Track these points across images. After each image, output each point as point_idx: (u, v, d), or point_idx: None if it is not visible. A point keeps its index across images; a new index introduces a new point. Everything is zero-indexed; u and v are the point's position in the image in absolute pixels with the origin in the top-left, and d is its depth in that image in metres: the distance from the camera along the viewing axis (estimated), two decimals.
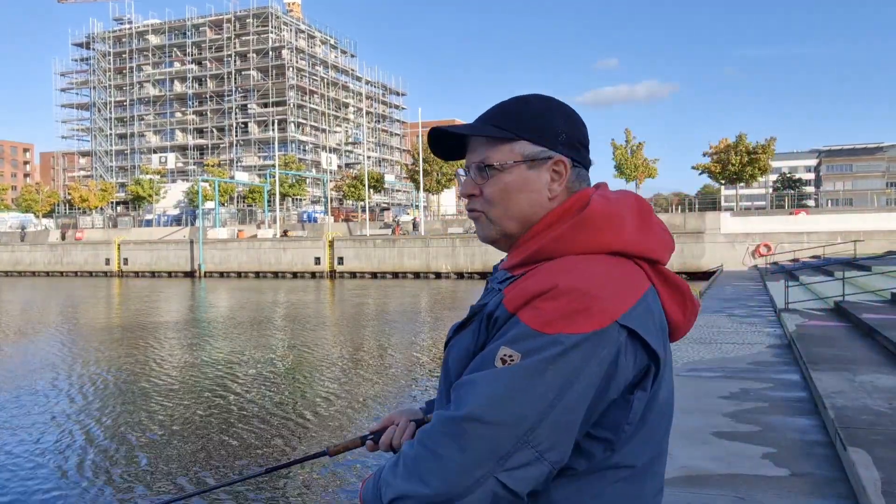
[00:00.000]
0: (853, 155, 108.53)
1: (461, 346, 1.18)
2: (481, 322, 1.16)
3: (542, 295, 1.07)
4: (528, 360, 1.03)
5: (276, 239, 48.95)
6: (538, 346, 1.04)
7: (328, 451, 1.52)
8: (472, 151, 1.27)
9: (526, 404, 1.03)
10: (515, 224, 1.23)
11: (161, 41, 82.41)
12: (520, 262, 1.19)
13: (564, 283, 1.07)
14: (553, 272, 1.10)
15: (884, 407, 5.25)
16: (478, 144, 1.25)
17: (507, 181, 1.21)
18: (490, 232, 1.26)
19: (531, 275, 1.12)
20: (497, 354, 1.06)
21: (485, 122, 1.26)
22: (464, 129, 1.25)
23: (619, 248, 1.14)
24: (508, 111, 1.25)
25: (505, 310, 1.10)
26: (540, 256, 1.16)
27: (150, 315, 24.11)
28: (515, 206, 1.22)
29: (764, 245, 35.30)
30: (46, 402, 10.81)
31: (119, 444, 8.58)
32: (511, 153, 1.22)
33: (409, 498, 1.05)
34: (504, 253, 1.31)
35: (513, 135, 1.22)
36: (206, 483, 7.43)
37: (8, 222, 66.06)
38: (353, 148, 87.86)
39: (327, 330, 19.77)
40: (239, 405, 10.44)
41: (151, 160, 77.88)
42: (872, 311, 10.62)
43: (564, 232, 1.15)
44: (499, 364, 1.05)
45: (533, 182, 1.21)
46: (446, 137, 1.30)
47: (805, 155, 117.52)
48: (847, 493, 3.82)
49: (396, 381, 12.28)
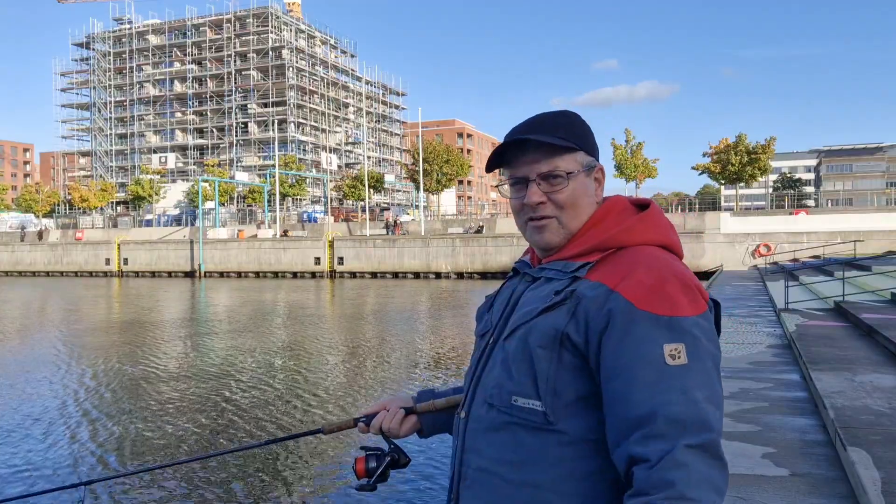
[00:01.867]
0: (853, 155, 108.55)
1: (546, 325, 1.25)
2: (576, 307, 1.23)
3: (661, 286, 1.18)
4: (692, 350, 1.15)
5: (276, 239, 48.95)
6: (685, 329, 1.16)
7: (323, 429, 1.67)
8: (533, 162, 1.34)
9: (717, 389, 1.16)
10: (578, 226, 1.35)
11: (161, 41, 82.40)
12: (587, 250, 1.31)
13: (668, 271, 1.21)
14: (650, 264, 1.23)
15: (884, 407, 5.25)
16: (539, 155, 1.33)
17: (575, 188, 1.34)
18: (558, 237, 1.35)
19: (621, 266, 1.24)
20: (664, 352, 1.14)
21: (548, 135, 1.33)
22: (547, 138, 1.32)
23: (668, 243, 1.32)
24: (563, 125, 1.35)
25: (624, 302, 1.18)
26: (612, 244, 1.29)
27: (152, 313, 24.10)
28: (581, 210, 1.35)
29: (764, 245, 35.30)
30: (52, 390, 10.83)
31: (123, 422, 8.69)
32: (575, 162, 1.34)
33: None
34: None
35: (575, 146, 1.34)
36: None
37: (8, 222, 66.08)
38: (353, 148, 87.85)
39: (328, 328, 19.76)
40: (239, 393, 10.47)
41: (151, 160, 77.90)
42: (872, 311, 10.61)
43: (632, 224, 1.31)
44: (669, 361, 1.14)
45: (588, 187, 1.36)
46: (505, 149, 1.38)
47: (805, 155, 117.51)
48: (847, 492, 3.82)
49: (397, 373, 12.30)
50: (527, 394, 1.24)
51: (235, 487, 6.98)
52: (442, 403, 1.55)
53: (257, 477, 7.30)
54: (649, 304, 1.17)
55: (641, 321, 1.16)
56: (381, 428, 1.54)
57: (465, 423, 1.35)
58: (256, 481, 7.17)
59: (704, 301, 1.21)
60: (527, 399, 1.24)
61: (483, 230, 46.28)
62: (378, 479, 1.51)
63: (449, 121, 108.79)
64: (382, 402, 1.58)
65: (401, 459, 1.53)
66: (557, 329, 1.23)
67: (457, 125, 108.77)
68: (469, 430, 1.34)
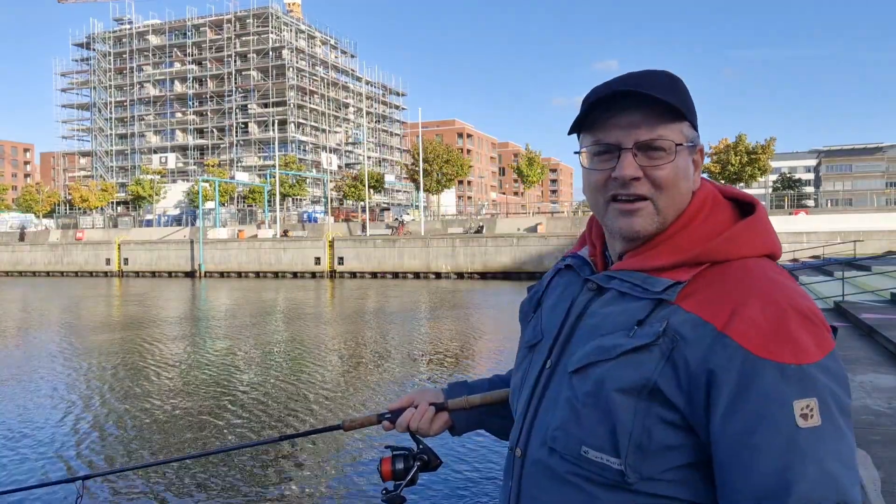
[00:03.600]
0: (853, 155, 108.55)
1: (634, 375, 1.00)
2: (671, 351, 0.98)
3: (783, 325, 0.94)
4: (824, 406, 0.92)
5: (277, 239, 48.96)
6: (815, 378, 0.93)
7: (343, 425, 1.50)
8: (630, 126, 1.06)
9: (853, 449, 0.95)
10: (673, 215, 1.08)
11: (161, 41, 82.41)
12: (677, 263, 1.05)
13: (786, 302, 0.96)
14: (764, 292, 0.97)
15: (884, 407, 5.25)
16: (641, 119, 1.05)
17: (680, 165, 1.07)
18: (651, 226, 1.08)
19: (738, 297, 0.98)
20: (795, 412, 0.91)
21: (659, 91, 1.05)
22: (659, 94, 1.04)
23: (774, 252, 1.08)
24: (669, 85, 1.07)
25: (740, 351, 0.94)
26: (708, 258, 1.03)
27: (152, 313, 24.10)
28: (680, 194, 1.08)
29: None
30: (54, 387, 10.84)
31: (125, 420, 8.70)
32: (681, 134, 1.07)
33: None
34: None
35: (684, 113, 1.07)
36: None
37: (8, 222, 66.10)
38: (353, 148, 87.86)
39: (329, 326, 19.76)
40: (242, 391, 10.46)
41: (152, 160, 77.92)
42: (872, 311, 10.61)
43: (739, 234, 1.05)
44: (801, 423, 0.91)
45: (689, 169, 1.09)
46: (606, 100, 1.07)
47: (805, 155, 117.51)
48: None
49: (398, 370, 12.29)
50: (600, 447, 1.01)
51: (243, 486, 6.89)
52: (477, 400, 1.40)
53: (267, 475, 7.20)
54: (770, 352, 0.93)
55: (763, 374, 0.93)
56: (410, 426, 1.37)
57: (522, 463, 1.12)
58: (265, 480, 7.07)
59: (830, 336, 0.98)
60: (600, 452, 1.01)
61: (483, 230, 46.29)
62: (407, 483, 1.36)
63: (449, 121, 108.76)
64: (409, 397, 1.41)
65: (432, 461, 1.38)
66: (648, 379, 0.99)
67: (457, 125, 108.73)
68: (526, 475, 1.11)
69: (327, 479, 7.09)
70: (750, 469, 0.92)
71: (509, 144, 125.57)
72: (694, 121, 1.09)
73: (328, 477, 7.14)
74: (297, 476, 7.17)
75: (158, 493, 6.76)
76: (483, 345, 16.73)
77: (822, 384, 0.93)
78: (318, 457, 7.71)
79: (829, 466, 0.91)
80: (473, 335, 18.43)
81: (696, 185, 1.11)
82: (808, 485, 0.90)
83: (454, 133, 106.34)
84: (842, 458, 0.92)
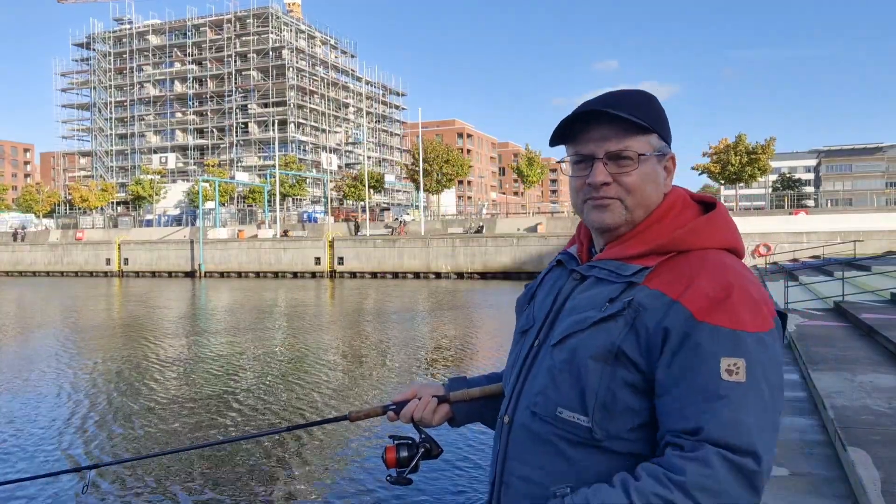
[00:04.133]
0: (853, 155, 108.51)
1: (601, 340, 1.18)
2: (634, 319, 1.16)
3: (724, 294, 1.11)
4: (752, 368, 1.08)
5: (277, 239, 48.96)
6: (747, 346, 1.09)
7: (350, 416, 1.58)
8: (602, 139, 1.24)
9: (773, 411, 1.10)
10: (643, 213, 1.26)
11: (161, 41, 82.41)
12: (646, 252, 1.22)
13: (737, 282, 1.13)
14: (715, 271, 1.15)
15: (884, 407, 5.25)
16: (610, 133, 1.24)
17: (645, 171, 1.25)
18: (619, 218, 1.26)
19: (692, 276, 1.15)
20: (720, 367, 1.08)
21: (623, 111, 1.23)
22: (623, 112, 1.22)
23: (736, 247, 1.24)
24: (640, 103, 1.25)
25: (685, 314, 1.11)
26: (671, 247, 1.21)
27: (153, 313, 24.10)
28: (647, 196, 1.26)
29: (764, 245, 35.30)
30: (60, 382, 10.85)
31: (139, 413, 8.68)
32: (648, 145, 1.25)
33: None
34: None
35: (650, 127, 1.24)
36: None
37: (8, 222, 66.09)
38: (353, 148, 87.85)
39: (330, 325, 19.76)
40: (245, 387, 10.48)
41: (152, 160, 77.90)
42: (872, 311, 10.61)
43: (698, 226, 1.22)
44: (725, 376, 1.07)
45: (658, 175, 1.27)
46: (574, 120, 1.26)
47: (805, 155, 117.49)
48: (847, 492, 3.82)
49: (399, 368, 12.30)
50: (573, 407, 1.19)
51: (249, 477, 6.97)
52: (476, 393, 1.51)
53: (273, 466, 7.31)
54: (710, 316, 1.10)
55: (700, 332, 1.10)
56: (413, 417, 1.47)
57: (509, 429, 1.29)
58: (272, 470, 7.18)
59: (772, 320, 1.13)
60: (572, 412, 1.18)
61: (483, 230, 46.29)
62: (410, 469, 1.46)
63: (449, 121, 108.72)
64: (413, 390, 1.51)
65: (433, 450, 1.48)
66: (613, 343, 1.16)
67: (457, 125, 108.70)
68: (513, 438, 1.28)
69: (332, 468, 7.24)
70: (675, 410, 1.09)
71: (509, 144, 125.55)
72: (662, 132, 1.26)
73: (332, 466, 7.30)
74: (302, 466, 7.31)
75: (166, 485, 6.81)
76: (483, 344, 16.73)
77: (754, 352, 1.09)
78: (322, 448, 7.88)
79: (743, 417, 1.06)
80: (473, 335, 18.43)
81: (667, 189, 1.28)
82: (720, 428, 1.05)
83: (454, 133, 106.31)
84: (759, 417, 1.07)
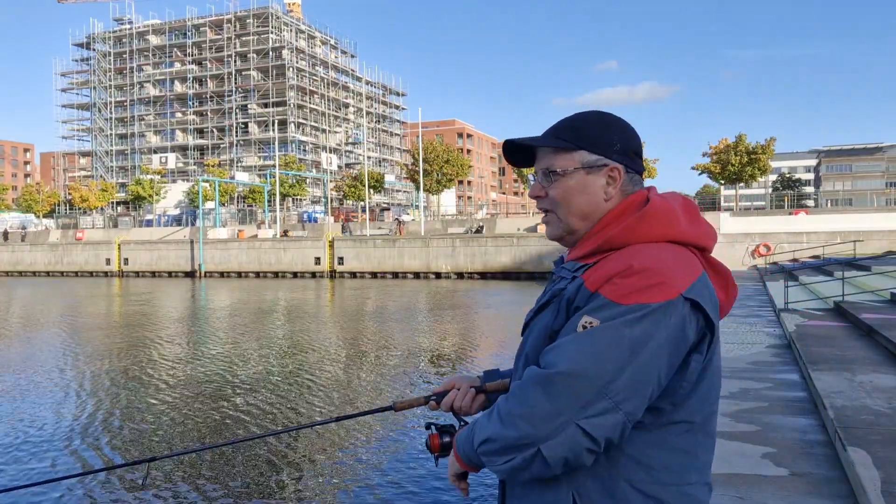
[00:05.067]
0: (853, 155, 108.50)
1: (540, 326, 1.37)
2: (560, 304, 1.34)
3: (619, 273, 1.25)
4: (606, 324, 1.21)
5: (277, 239, 48.95)
6: (616, 313, 1.22)
7: (394, 405, 1.70)
8: (540, 159, 1.45)
9: (605, 360, 1.20)
10: (578, 221, 1.41)
11: (161, 41, 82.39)
12: (590, 252, 1.36)
13: (638, 263, 1.25)
14: (626, 256, 1.28)
15: (883, 407, 5.25)
16: (544, 154, 1.44)
17: (569, 185, 1.40)
18: (557, 230, 1.45)
19: (607, 260, 1.30)
20: (579, 322, 1.24)
21: (550, 136, 1.44)
22: (531, 140, 1.44)
23: (677, 237, 1.33)
24: (569, 126, 1.43)
25: (586, 291, 1.28)
26: (610, 245, 1.33)
27: (156, 312, 24.10)
28: (576, 205, 1.41)
29: (764, 245, 35.30)
30: (65, 381, 10.86)
31: (173, 409, 8.68)
32: (571, 161, 1.40)
33: (496, 440, 1.24)
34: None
35: (573, 145, 1.40)
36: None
37: (8, 222, 66.07)
38: (353, 148, 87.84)
39: (330, 327, 19.77)
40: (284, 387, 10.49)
41: (152, 160, 77.89)
42: (872, 311, 10.61)
43: (631, 223, 1.33)
44: (580, 329, 1.23)
45: (591, 185, 1.40)
46: (518, 149, 1.49)
47: (805, 155, 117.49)
48: (846, 492, 3.83)
49: (405, 368, 12.31)
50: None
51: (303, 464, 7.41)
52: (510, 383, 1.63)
53: (323, 454, 7.74)
54: (599, 288, 1.26)
55: (588, 300, 1.27)
56: (453, 406, 1.60)
57: None
58: (324, 458, 7.61)
59: (656, 299, 1.22)
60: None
61: (483, 230, 46.28)
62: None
63: (449, 121, 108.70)
64: (451, 381, 1.65)
65: None
66: (548, 326, 1.34)
67: (457, 125, 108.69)
68: None
69: (376, 455, 7.65)
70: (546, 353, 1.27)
71: None
72: (592, 148, 1.39)
73: (377, 453, 7.73)
74: (343, 456, 7.73)
75: (217, 475, 7.08)
76: (483, 344, 16.73)
77: (612, 314, 1.22)
78: (366, 435, 8.39)
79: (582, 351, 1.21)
80: (474, 334, 18.43)
81: (608, 196, 1.40)
82: (563, 357, 1.22)
83: (454, 133, 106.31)
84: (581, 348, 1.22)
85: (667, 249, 1.30)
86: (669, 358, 1.24)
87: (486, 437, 1.27)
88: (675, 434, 1.30)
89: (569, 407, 1.19)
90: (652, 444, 1.28)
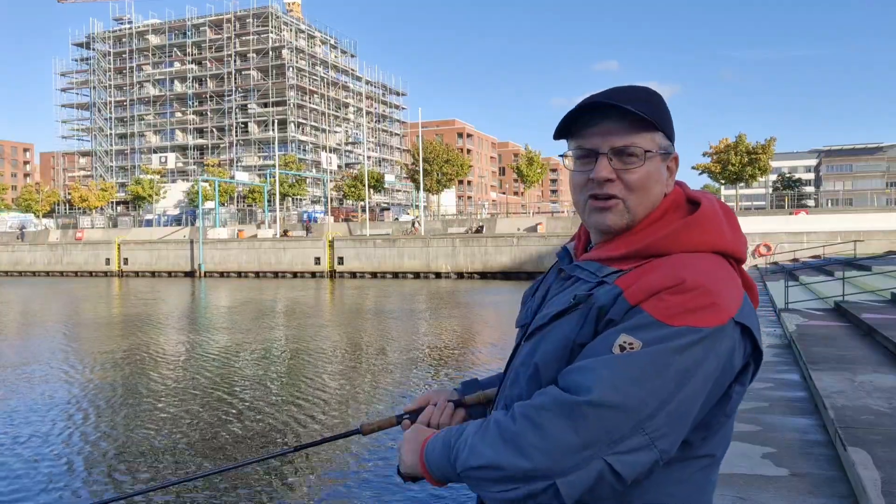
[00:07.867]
0: (853, 155, 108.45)
1: (558, 335, 1.16)
2: (587, 313, 1.14)
3: (669, 289, 1.07)
4: (651, 349, 1.04)
5: (276, 239, 48.95)
6: (662, 336, 1.04)
7: (361, 429, 1.50)
8: (607, 134, 1.19)
9: (647, 392, 1.02)
10: (643, 213, 1.21)
11: (161, 41, 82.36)
12: (624, 255, 1.18)
13: (691, 279, 1.08)
14: (676, 267, 1.10)
15: (884, 407, 5.24)
16: (616, 128, 1.19)
17: (650, 170, 1.20)
18: (622, 221, 1.21)
19: (651, 269, 1.12)
20: (616, 341, 1.06)
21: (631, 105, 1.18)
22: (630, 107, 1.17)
23: (722, 248, 1.18)
24: (647, 100, 1.20)
25: (625, 302, 1.09)
26: (650, 252, 1.16)
27: (157, 312, 24.10)
28: (650, 196, 1.21)
29: (764, 245, 35.29)
30: (57, 393, 10.83)
31: (137, 431, 8.62)
32: (653, 142, 1.20)
33: (499, 469, 1.05)
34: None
35: (656, 124, 1.20)
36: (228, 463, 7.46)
37: (8, 222, 66.06)
38: (353, 148, 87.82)
39: (331, 327, 19.77)
40: (245, 397, 10.46)
41: (151, 160, 77.88)
42: (872, 310, 10.60)
43: (677, 230, 1.17)
44: (617, 350, 1.05)
45: (662, 174, 1.22)
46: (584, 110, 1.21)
47: (805, 155, 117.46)
48: (847, 492, 3.82)
49: (403, 370, 12.30)
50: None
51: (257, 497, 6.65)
52: (492, 394, 1.46)
53: (281, 482, 7.02)
54: (642, 303, 1.08)
55: (621, 315, 1.09)
56: (430, 423, 1.42)
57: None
58: (280, 489, 6.88)
59: (708, 323, 1.06)
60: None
61: (483, 230, 46.28)
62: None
63: (449, 121, 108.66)
64: (426, 396, 1.47)
65: None
66: (568, 338, 1.14)
67: (457, 125, 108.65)
68: None
69: (343, 482, 6.97)
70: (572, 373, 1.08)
71: (509, 144, 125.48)
72: (667, 131, 1.22)
73: (344, 481, 7.02)
74: (310, 482, 7.04)
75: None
76: (484, 343, 16.73)
77: (658, 337, 1.04)
78: (332, 461, 7.56)
79: (600, 369, 1.04)
80: (474, 334, 18.42)
81: (668, 189, 1.23)
82: (599, 385, 1.03)
83: (454, 133, 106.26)
84: (615, 372, 1.03)
85: (718, 264, 1.14)
86: (714, 388, 1.09)
87: (483, 463, 1.07)
88: (696, 469, 1.15)
89: (598, 441, 1.02)
90: (672, 481, 1.13)
